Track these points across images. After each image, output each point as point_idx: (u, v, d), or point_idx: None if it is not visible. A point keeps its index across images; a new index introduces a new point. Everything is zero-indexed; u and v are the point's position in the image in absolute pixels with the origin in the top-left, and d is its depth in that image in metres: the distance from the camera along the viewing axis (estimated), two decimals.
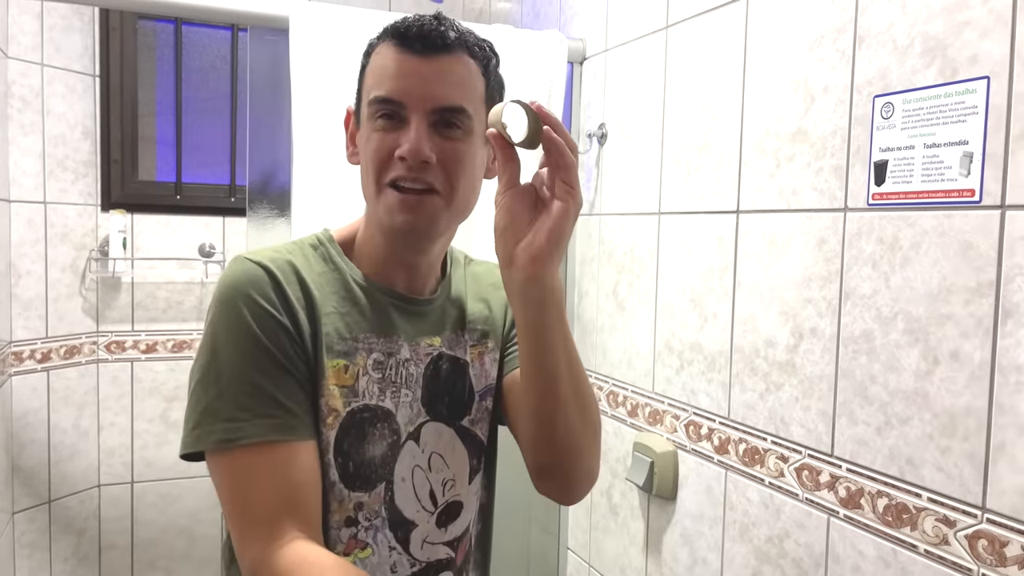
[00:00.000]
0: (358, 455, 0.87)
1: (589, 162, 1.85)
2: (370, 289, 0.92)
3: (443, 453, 0.94)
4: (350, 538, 0.87)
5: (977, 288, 0.96)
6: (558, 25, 1.97)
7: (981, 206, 0.95)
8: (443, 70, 0.84)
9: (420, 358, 0.94)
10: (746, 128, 1.34)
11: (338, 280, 0.90)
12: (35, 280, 2.10)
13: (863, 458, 1.12)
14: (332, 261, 0.92)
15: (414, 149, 0.82)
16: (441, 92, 0.84)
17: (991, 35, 0.94)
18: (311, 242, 0.93)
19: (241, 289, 0.83)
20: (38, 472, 2.14)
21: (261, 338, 0.81)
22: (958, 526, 0.98)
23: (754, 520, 1.33)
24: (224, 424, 0.80)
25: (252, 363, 0.81)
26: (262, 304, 0.82)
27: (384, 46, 0.86)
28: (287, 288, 0.85)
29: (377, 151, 0.85)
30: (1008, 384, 0.92)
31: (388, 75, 0.84)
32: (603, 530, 1.80)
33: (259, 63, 1.66)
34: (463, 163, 0.86)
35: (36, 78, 2.07)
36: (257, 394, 0.81)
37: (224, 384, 0.81)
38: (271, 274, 0.84)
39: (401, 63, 0.84)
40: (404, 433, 0.91)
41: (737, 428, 1.37)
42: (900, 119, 1.05)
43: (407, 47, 0.84)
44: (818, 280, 1.19)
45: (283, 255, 0.88)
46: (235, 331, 0.82)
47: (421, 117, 0.83)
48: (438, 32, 0.84)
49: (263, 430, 0.80)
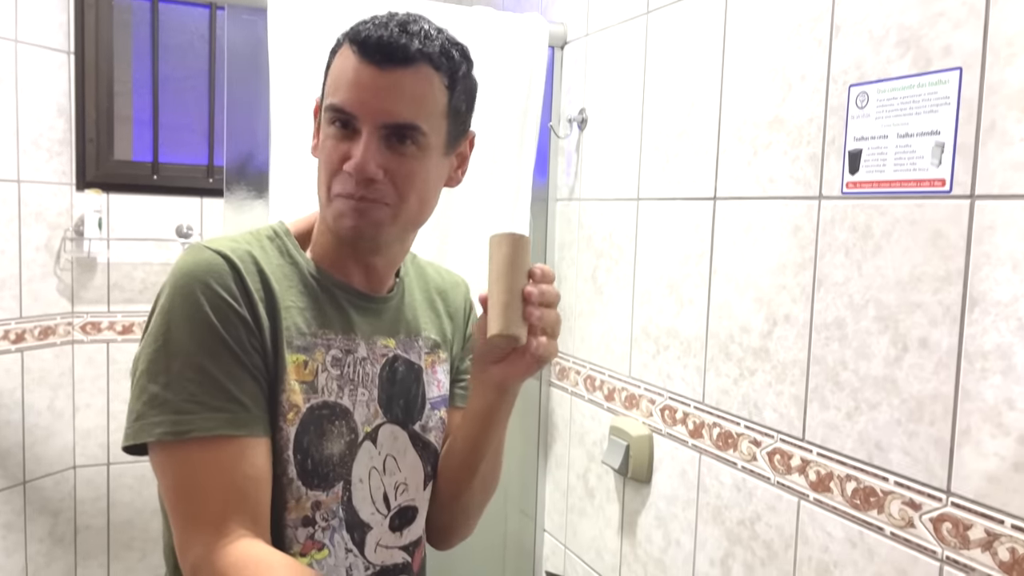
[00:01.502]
0: (317, 452, 0.86)
1: (569, 147, 1.85)
2: (327, 284, 0.91)
3: (396, 456, 0.94)
4: (307, 538, 0.86)
5: (946, 276, 0.97)
6: (539, 8, 1.96)
7: (951, 196, 0.97)
8: (399, 84, 0.82)
9: (376, 358, 0.93)
10: (724, 115, 1.35)
11: (295, 274, 0.89)
12: (9, 260, 2.07)
13: (833, 443, 1.14)
14: (289, 254, 0.90)
15: (360, 166, 0.81)
16: (394, 108, 0.82)
17: (964, 27, 0.95)
18: (267, 234, 0.91)
19: (200, 277, 0.80)
20: (13, 453, 2.13)
21: (218, 328, 0.79)
22: (923, 509, 1.01)
23: (727, 503, 1.35)
24: (172, 416, 0.76)
25: (207, 353, 0.78)
26: (221, 294, 0.80)
27: (346, 49, 0.84)
28: (248, 279, 0.82)
29: (328, 159, 0.85)
30: (974, 371, 0.94)
31: (344, 83, 0.82)
32: (579, 512, 1.82)
33: (236, 42, 1.64)
34: (414, 178, 0.85)
35: (9, 55, 2.03)
36: (210, 386, 0.78)
37: (174, 374, 0.77)
38: (232, 264, 0.82)
39: (358, 72, 0.82)
40: (362, 432, 0.90)
41: (711, 413, 1.39)
42: (875, 108, 1.06)
43: (366, 56, 0.81)
44: (792, 267, 1.21)
45: (242, 245, 0.86)
46: (191, 320, 0.79)
47: (372, 131, 0.82)
48: (399, 44, 0.81)
49: (214, 424, 0.77)
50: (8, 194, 2.06)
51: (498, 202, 1.79)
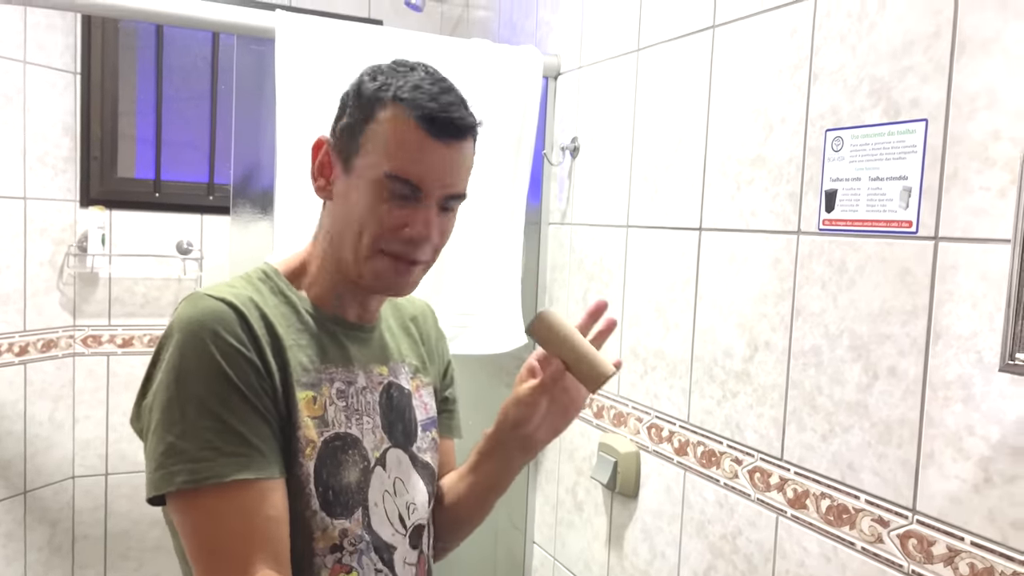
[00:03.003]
0: (336, 483, 0.89)
1: (562, 173, 1.93)
2: (321, 319, 0.93)
3: (403, 478, 0.98)
4: (335, 563, 0.89)
5: (913, 311, 1.05)
6: (534, 40, 2.04)
7: (917, 236, 1.05)
8: (459, 158, 0.89)
9: (374, 385, 0.97)
10: (710, 151, 1.43)
11: (292, 313, 0.91)
12: (14, 274, 2.12)
13: (809, 462, 1.21)
14: (283, 294, 0.92)
15: (428, 235, 0.87)
16: (457, 182, 0.89)
17: (930, 81, 1.03)
18: (258, 276, 0.93)
19: (207, 326, 0.81)
20: (13, 463, 2.18)
21: (230, 374, 0.80)
22: (891, 526, 1.08)
23: (710, 518, 1.42)
24: (190, 464, 0.78)
25: (219, 400, 0.80)
26: (230, 341, 0.81)
27: (405, 119, 0.85)
28: (253, 324, 0.84)
29: (383, 223, 0.87)
30: (937, 399, 1.02)
31: (411, 157, 0.85)
32: (568, 525, 1.89)
33: (244, 69, 1.71)
34: (449, 236, 0.93)
35: (18, 75, 2.09)
36: (225, 431, 0.79)
37: (189, 422, 0.79)
38: (237, 310, 0.84)
39: (426, 148, 0.85)
40: (372, 459, 0.94)
41: (696, 432, 1.46)
42: (849, 152, 1.14)
43: (433, 133, 0.85)
44: (772, 297, 1.28)
45: (241, 291, 0.88)
46: (202, 368, 0.80)
47: (433, 202, 0.88)
48: (461, 121, 0.87)
49: (232, 469, 0.78)
50: (15, 210, 2.11)
51: (493, 225, 1.86)
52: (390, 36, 1.77)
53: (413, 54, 1.74)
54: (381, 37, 1.76)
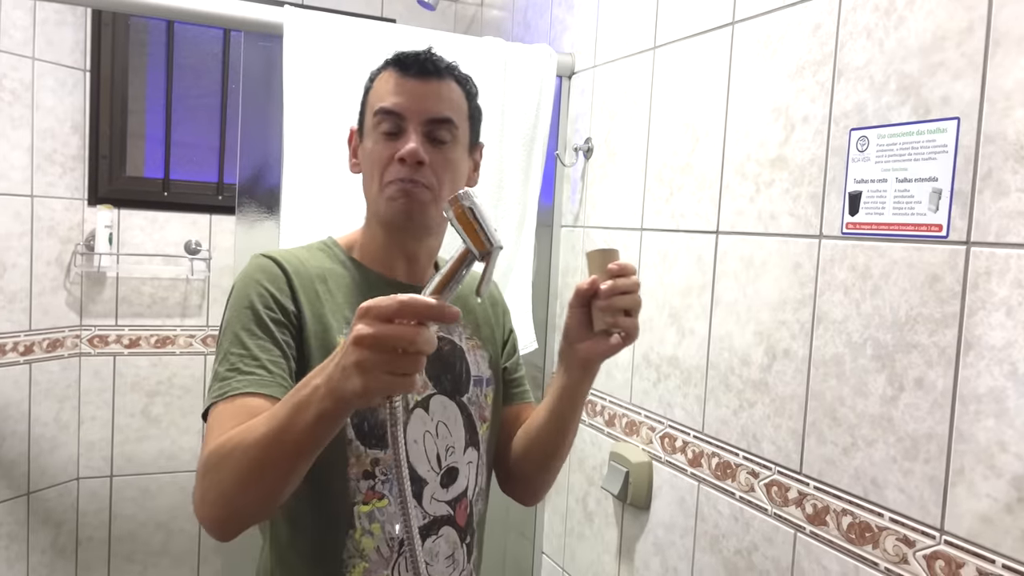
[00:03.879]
0: (372, 416, 0.97)
1: (575, 175, 1.88)
2: (372, 279, 1.05)
3: (448, 423, 1.05)
4: (368, 489, 0.98)
5: (942, 319, 1.00)
6: (548, 39, 2.00)
7: (948, 241, 0.99)
8: (436, 90, 1.02)
9: None
10: (728, 152, 1.38)
11: (346, 275, 1.04)
12: (20, 273, 2.10)
13: (830, 477, 1.16)
14: (337, 258, 1.06)
15: (412, 151, 0.98)
16: (434, 106, 1.01)
17: (963, 78, 0.98)
18: (319, 246, 1.08)
19: (253, 276, 0.98)
20: (18, 464, 2.15)
21: (260, 311, 0.94)
22: (917, 546, 1.03)
23: (724, 532, 1.37)
24: (218, 384, 0.91)
25: (246, 330, 0.94)
26: (266, 285, 0.97)
27: (386, 73, 1.03)
28: (293, 278, 0.98)
29: (379, 157, 1.01)
30: (968, 413, 0.97)
31: (390, 92, 1.01)
32: (578, 536, 1.84)
33: (252, 66, 1.68)
34: (449, 167, 1.02)
35: (27, 72, 2.07)
36: (246, 356, 0.92)
37: (223, 351, 0.94)
38: (280, 265, 0.99)
39: (401, 83, 1.01)
40: (412, 400, 1.02)
41: (710, 442, 1.41)
42: (875, 153, 1.09)
43: (405, 71, 1.01)
44: (792, 303, 1.23)
45: (297, 253, 1.03)
46: (240, 308, 0.95)
47: (417, 127, 1.00)
48: (431, 61, 1.02)
49: (243, 385, 0.90)
50: (22, 208, 2.09)
51: (504, 226, 1.82)
52: (400, 33, 1.74)
53: None
54: (390, 34, 1.72)
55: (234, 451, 0.79)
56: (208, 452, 0.82)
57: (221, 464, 0.80)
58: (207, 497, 0.82)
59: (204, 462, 0.83)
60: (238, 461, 0.79)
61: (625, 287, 0.96)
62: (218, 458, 0.81)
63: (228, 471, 0.80)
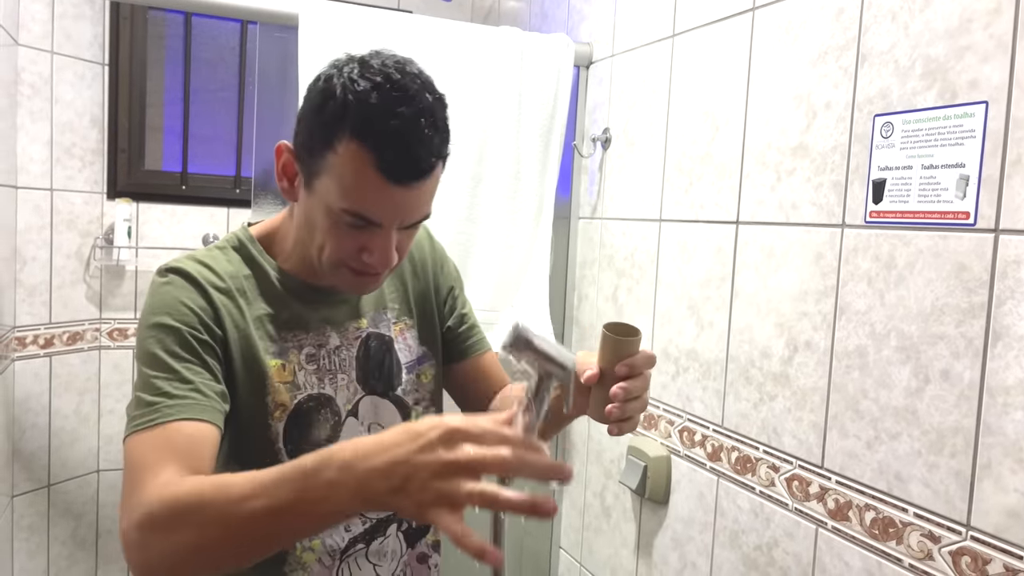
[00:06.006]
0: (305, 440, 0.94)
1: (592, 166, 1.86)
2: (293, 287, 0.96)
3: (382, 422, 1.01)
4: None
5: (969, 309, 0.97)
6: (565, 28, 1.98)
7: (976, 229, 0.97)
8: (421, 195, 0.85)
9: (350, 342, 1.00)
10: (748, 140, 1.36)
11: (263, 282, 0.95)
12: (40, 266, 2.11)
13: (852, 471, 1.13)
14: (255, 262, 0.95)
15: (387, 260, 0.88)
16: (417, 214, 0.88)
17: (991, 61, 0.95)
18: (233, 244, 0.96)
19: (170, 295, 0.87)
20: (38, 456, 2.17)
21: (182, 330, 0.85)
22: (943, 542, 1.00)
23: (744, 527, 1.35)
24: (143, 410, 0.81)
25: (168, 352, 0.84)
26: (187, 304, 0.87)
27: (364, 164, 0.81)
28: (214, 295, 0.89)
29: (342, 247, 0.87)
30: (996, 405, 0.94)
31: (369, 200, 0.83)
32: (595, 531, 1.82)
33: (268, 58, 1.67)
34: (411, 243, 0.94)
35: (46, 65, 2.08)
36: (173, 379, 0.82)
37: (143, 378, 0.83)
38: (197, 282, 0.89)
39: (385, 193, 0.82)
40: (344, 412, 0.98)
41: (730, 436, 1.38)
42: (899, 139, 1.06)
43: (394, 179, 0.82)
44: (814, 294, 1.21)
45: (206, 261, 0.92)
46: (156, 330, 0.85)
47: (393, 232, 0.87)
48: (424, 162, 0.82)
49: (175, 411, 0.80)
50: (42, 202, 2.10)
51: (521, 218, 1.80)
52: (416, 23, 1.72)
53: (441, 42, 1.70)
54: (407, 24, 1.71)
55: (211, 510, 0.66)
56: (164, 500, 0.69)
57: (191, 519, 0.67)
58: (172, 549, 0.68)
59: (160, 510, 0.69)
60: (220, 523, 0.66)
61: (634, 392, 0.84)
62: (186, 511, 0.68)
63: (203, 530, 0.67)
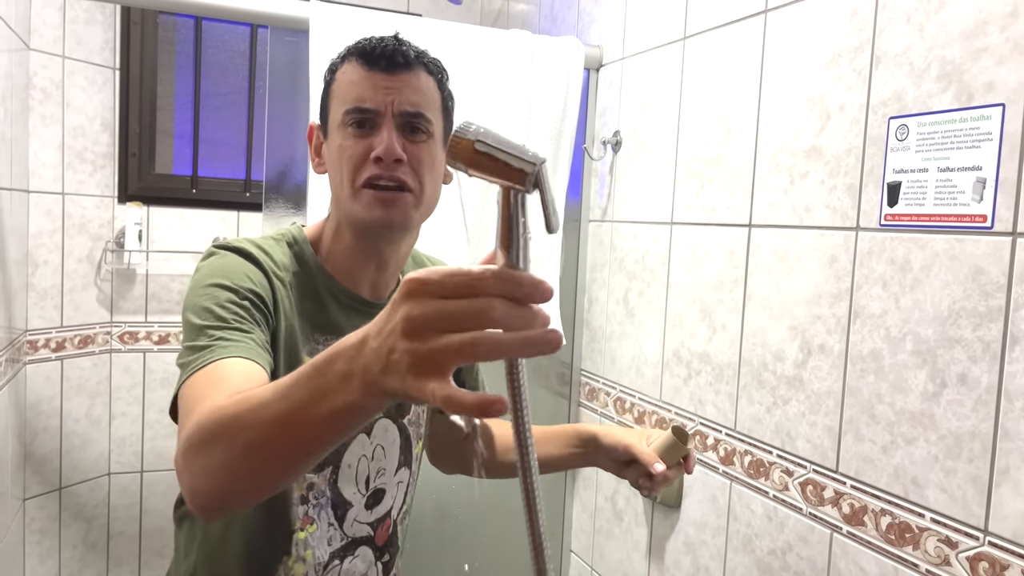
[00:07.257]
0: None
1: (603, 169, 1.86)
2: (336, 293, 0.99)
3: (385, 446, 1.04)
4: (303, 515, 0.97)
5: (987, 313, 0.96)
6: (575, 31, 1.97)
7: (993, 232, 0.96)
8: (406, 82, 0.94)
9: None
10: (761, 143, 1.35)
11: (309, 281, 0.98)
12: (51, 270, 2.12)
13: (868, 476, 1.13)
14: (305, 262, 0.99)
15: (389, 149, 0.91)
16: (407, 100, 0.94)
17: (1008, 63, 0.95)
18: (287, 239, 1.00)
19: (230, 265, 0.90)
20: (50, 459, 2.17)
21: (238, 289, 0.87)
22: (960, 548, 0.99)
23: (757, 532, 1.34)
24: (195, 355, 0.81)
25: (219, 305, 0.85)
26: (247, 274, 0.89)
27: (349, 66, 0.95)
28: (272, 277, 0.92)
29: (350, 155, 0.93)
30: (1014, 410, 0.93)
31: (358, 88, 0.93)
32: (606, 534, 1.82)
33: (278, 62, 1.68)
34: (428, 162, 0.95)
35: (57, 70, 2.09)
36: (225, 327, 0.84)
37: (193, 329, 0.84)
38: (257, 261, 0.92)
39: (368, 78, 0.93)
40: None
41: (743, 440, 1.38)
42: (915, 141, 1.06)
43: (374, 65, 0.93)
44: (828, 297, 1.20)
45: (263, 246, 0.95)
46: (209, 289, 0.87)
47: (390, 122, 0.92)
48: (399, 51, 0.94)
49: (226, 352, 0.81)
50: (53, 206, 2.11)
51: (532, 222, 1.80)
52: (426, 27, 1.72)
53: (450, 46, 1.70)
54: (417, 28, 1.71)
55: (236, 423, 0.65)
56: (199, 421, 0.68)
57: (221, 434, 0.66)
58: (208, 467, 0.68)
59: (196, 431, 0.68)
60: (244, 434, 0.65)
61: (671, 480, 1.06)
62: (216, 427, 0.67)
63: (231, 443, 0.66)
